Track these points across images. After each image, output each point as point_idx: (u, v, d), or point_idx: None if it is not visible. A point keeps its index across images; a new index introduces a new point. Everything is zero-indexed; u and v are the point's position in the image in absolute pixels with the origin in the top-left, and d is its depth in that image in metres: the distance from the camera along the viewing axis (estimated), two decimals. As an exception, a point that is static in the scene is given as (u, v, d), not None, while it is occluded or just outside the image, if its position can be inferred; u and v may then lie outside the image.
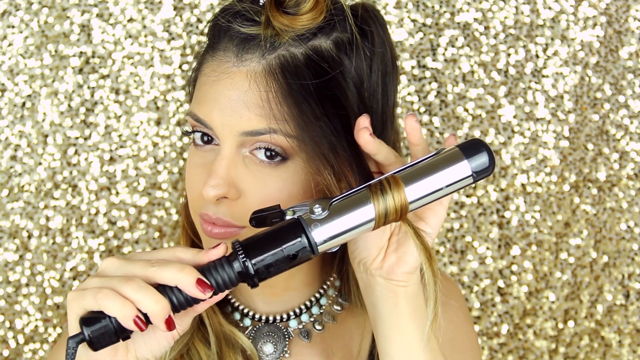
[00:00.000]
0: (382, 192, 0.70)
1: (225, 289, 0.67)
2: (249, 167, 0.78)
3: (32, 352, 1.28)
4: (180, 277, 0.65)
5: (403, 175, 0.71)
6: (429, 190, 0.70)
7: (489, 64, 1.31)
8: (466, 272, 1.33)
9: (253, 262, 0.66)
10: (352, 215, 0.69)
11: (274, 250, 0.67)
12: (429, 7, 1.30)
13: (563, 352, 1.34)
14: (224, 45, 0.78)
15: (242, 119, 0.75)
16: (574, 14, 1.31)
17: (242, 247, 0.67)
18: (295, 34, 0.76)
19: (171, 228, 1.30)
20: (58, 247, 1.28)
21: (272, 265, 0.67)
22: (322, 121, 0.74)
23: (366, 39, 0.81)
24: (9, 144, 1.28)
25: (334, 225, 0.69)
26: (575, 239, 1.33)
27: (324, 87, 0.75)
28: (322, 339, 0.90)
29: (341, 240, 0.70)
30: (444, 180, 0.70)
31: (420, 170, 0.71)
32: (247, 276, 0.67)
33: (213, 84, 0.78)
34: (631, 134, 1.33)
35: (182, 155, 1.29)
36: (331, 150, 0.74)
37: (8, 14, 1.28)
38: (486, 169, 0.71)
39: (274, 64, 0.76)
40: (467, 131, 1.30)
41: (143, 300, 0.63)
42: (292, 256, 0.68)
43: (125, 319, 0.63)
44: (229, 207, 0.77)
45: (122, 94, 1.29)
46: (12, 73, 1.28)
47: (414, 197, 0.70)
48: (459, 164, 0.70)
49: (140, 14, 1.28)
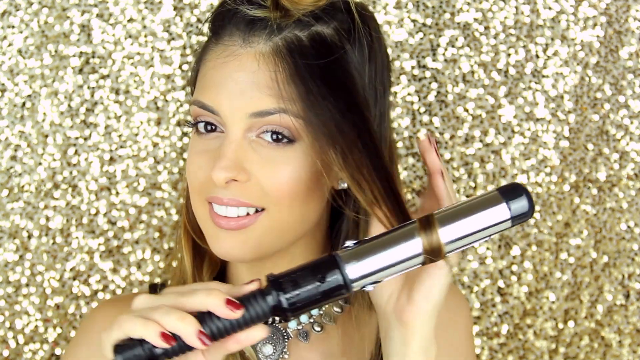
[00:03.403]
0: (426, 229, 0.69)
1: (257, 322, 0.67)
2: (257, 150, 0.78)
3: (32, 352, 1.28)
4: (208, 300, 0.65)
5: (440, 217, 0.70)
6: (466, 232, 0.70)
7: (489, 64, 1.31)
8: (466, 272, 1.33)
9: (287, 297, 0.67)
10: (392, 252, 0.69)
11: (307, 286, 0.67)
12: (429, 7, 1.30)
13: (563, 353, 1.34)
14: (229, 31, 0.79)
15: (252, 100, 0.76)
16: (574, 14, 1.31)
17: (276, 282, 0.68)
18: (301, 13, 0.77)
19: (171, 228, 1.30)
20: (58, 247, 1.28)
21: (306, 300, 0.67)
22: (328, 101, 0.75)
23: (364, 29, 0.82)
24: (9, 144, 1.28)
25: (371, 261, 0.69)
26: (576, 239, 1.33)
27: (328, 70, 0.77)
28: (321, 341, 0.90)
29: (377, 277, 0.69)
30: (482, 223, 0.70)
31: (458, 211, 0.71)
32: (280, 310, 0.67)
33: (219, 68, 0.79)
34: (631, 134, 1.33)
35: (182, 155, 1.29)
36: (338, 130, 0.74)
37: (8, 14, 1.28)
38: (525, 214, 0.71)
39: (281, 44, 0.77)
40: (467, 131, 1.30)
41: (168, 320, 0.63)
42: (326, 293, 0.68)
43: (150, 337, 0.63)
44: (239, 189, 0.78)
45: (122, 94, 1.29)
46: (12, 73, 1.28)
47: (451, 238, 0.70)
48: (498, 207, 0.70)
49: (140, 14, 1.28)
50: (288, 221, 0.80)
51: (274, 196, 0.78)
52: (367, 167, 0.74)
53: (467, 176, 1.31)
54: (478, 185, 1.31)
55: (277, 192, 0.78)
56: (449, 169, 1.31)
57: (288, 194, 0.78)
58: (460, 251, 0.72)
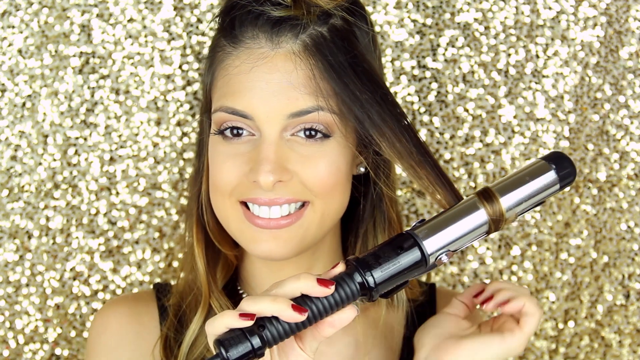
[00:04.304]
0: (487, 200, 0.75)
1: (347, 303, 0.70)
2: (294, 148, 0.79)
3: (32, 352, 1.28)
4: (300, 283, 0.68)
5: (498, 188, 0.77)
6: (523, 200, 0.77)
7: (489, 64, 1.31)
8: (466, 272, 1.33)
9: (373, 275, 0.70)
10: (461, 224, 0.74)
11: (389, 262, 0.71)
12: (429, 7, 1.30)
13: (563, 352, 1.34)
14: (251, 34, 0.79)
15: (290, 101, 0.77)
16: (574, 14, 1.31)
17: (360, 261, 0.71)
18: (323, 8, 0.78)
19: (171, 228, 1.30)
20: (58, 247, 1.28)
21: (390, 276, 0.71)
22: (364, 93, 0.76)
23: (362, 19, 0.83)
24: (9, 144, 1.28)
25: (444, 234, 0.74)
26: (576, 239, 1.33)
27: (354, 62, 0.78)
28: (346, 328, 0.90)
29: (451, 247, 0.74)
30: (535, 188, 0.77)
31: (512, 182, 0.77)
32: (367, 289, 0.70)
33: (249, 73, 0.78)
34: (631, 134, 1.33)
35: (182, 155, 1.30)
36: (380, 119, 0.76)
37: (8, 14, 1.28)
38: (570, 176, 0.78)
39: (309, 42, 0.77)
40: (467, 131, 1.31)
41: (263, 306, 0.67)
42: (408, 268, 0.72)
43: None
44: (285, 188, 0.79)
45: (122, 94, 1.29)
46: (12, 73, 1.28)
47: (511, 206, 0.76)
48: (547, 174, 0.77)
49: (140, 14, 1.28)
50: (331, 210, 0.82)
51: (318, 190, 0.79)
52: (416, 152, 0.76)
53: (467, 176, 1.32)
54: (478, 185, 1.31)
55: (320, 185, 0.79)
56: (449, 169, 1.31)
57: (331, 186, 0.80)
58: (520, 216, 0.78)
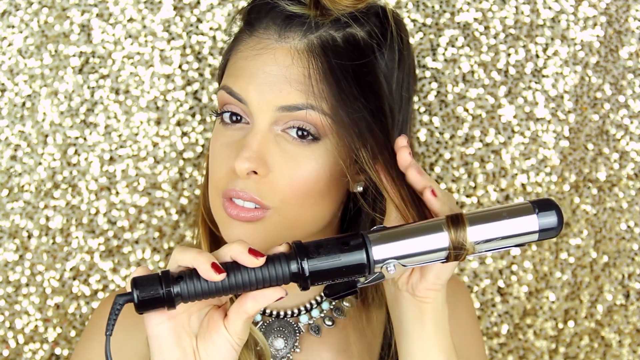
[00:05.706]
0: (455, 225, 0.70)
1: (277, 283, 0.68)
2: (280, 144, 0.78)
3: (32, 352, 1.28)
4: (232, 247, 0.68)
5: (470, 217, 0.71)
6: (493, 236, 0.70)
7: (489, 64, 1.31)
8: (466, 272, 1.33)
9: (309, 264, 0.68)
10: (418, 241, 0.69)
11: (331, 257, 0.68)
12: (429, 7, 1.30)
13: (563, 352, 1.34)
14: (264, 24, 0.80)
15: (282, 94, 0.77)
16: (574, 14, 1.31)
17: (301, 247, 0.69)
18: (340, 13, 0.78)
19: (171, 228, 1.30)
20: (58, 247, 1.28)
21: (326, 271, 0.68)
22: (359, 101, 0.76)
23: (397, 36, 0.83)
24: (9, 144, 1.28)
25: (397, 246, 0.69)
26: (575, 239, 1.33)
27: (360, 72, 0.78)
28: (332, 335, 0.90)
29: (399, 262, 0.69)
30: (509, 229, 0.70)
31: (488, 215, 0.71)
32: (301, 277, 0.68)
33: (252, 59, 0.79)
34: (631, 134, 1.33)
35: (182, 155, 1.30)
36: (368, 130, 0.75)
37: (8, 14, 1.28)
38: (553, 229, 0.71)
39: (316, 43, 0.78)
40: (467, 131, 1.31)
41: (186, 256, 0.68)
42: (347, 269, 0.68)
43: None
44: (256, 184, 0.78)
45: (122, 94, 1.29)
46: (12, 73, 1.28)
47: (478, 239, 0.70)
48: (528, 217, 0.70)
49: (140, 14, 1.28)
50: (298, 219, 0.81)
51: (286, 194, 0.79)
52: (396, 169, 0.75)
53: (467, 176, 1.31)
54: (478, 185, 1.31)
55: (291, 190, 0.78)
56: (449, 169, 1.31)
57: (301, 193, 0.79)
58: (482, 255, 0.72)
